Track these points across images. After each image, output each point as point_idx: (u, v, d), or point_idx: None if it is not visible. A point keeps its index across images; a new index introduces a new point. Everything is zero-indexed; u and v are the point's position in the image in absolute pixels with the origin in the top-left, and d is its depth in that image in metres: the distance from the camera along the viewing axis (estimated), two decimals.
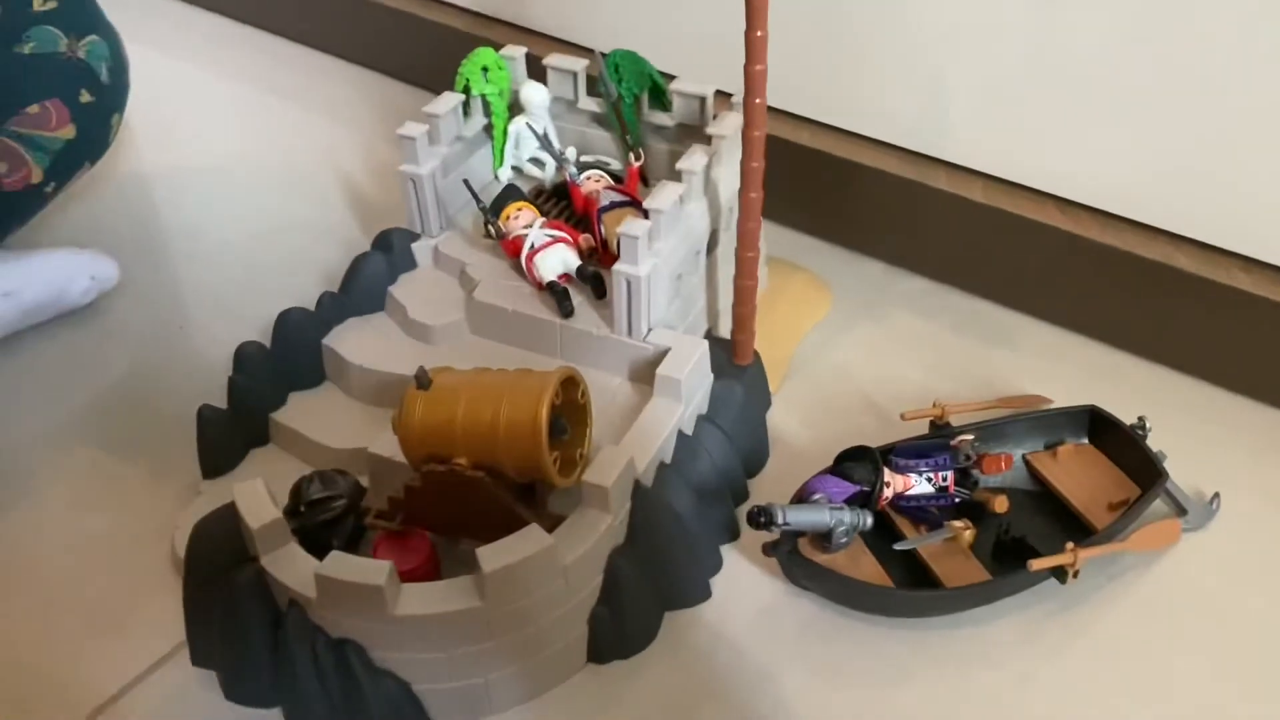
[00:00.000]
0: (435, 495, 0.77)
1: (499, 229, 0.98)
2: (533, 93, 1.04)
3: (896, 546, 0.85)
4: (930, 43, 1.05)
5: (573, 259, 0.95)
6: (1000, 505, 0.86)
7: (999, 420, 0.94)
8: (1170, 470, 0.90)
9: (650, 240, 0.88)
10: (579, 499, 0.79)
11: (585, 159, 1.08)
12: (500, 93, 1.05)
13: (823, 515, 0.80)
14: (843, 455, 0.88)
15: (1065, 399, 0.97)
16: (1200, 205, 0.97)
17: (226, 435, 0.93)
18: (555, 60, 1.06)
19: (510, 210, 0.98)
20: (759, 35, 0.81)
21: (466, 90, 1.04)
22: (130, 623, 0.86)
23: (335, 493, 0.81)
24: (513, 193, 1.05)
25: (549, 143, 1.05)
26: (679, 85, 1.01)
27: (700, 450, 0.88)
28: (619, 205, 0.97)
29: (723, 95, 1.02)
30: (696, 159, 0.93)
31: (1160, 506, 0.91)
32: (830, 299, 1.14)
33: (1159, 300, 1.01)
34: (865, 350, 1.08)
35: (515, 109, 1.07)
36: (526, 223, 0.97)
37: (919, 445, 0.89)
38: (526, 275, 0.95)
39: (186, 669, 0.82)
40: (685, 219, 0.92)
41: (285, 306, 0.97)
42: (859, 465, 0.86)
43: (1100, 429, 0.93)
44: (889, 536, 0.87)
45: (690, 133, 1.02)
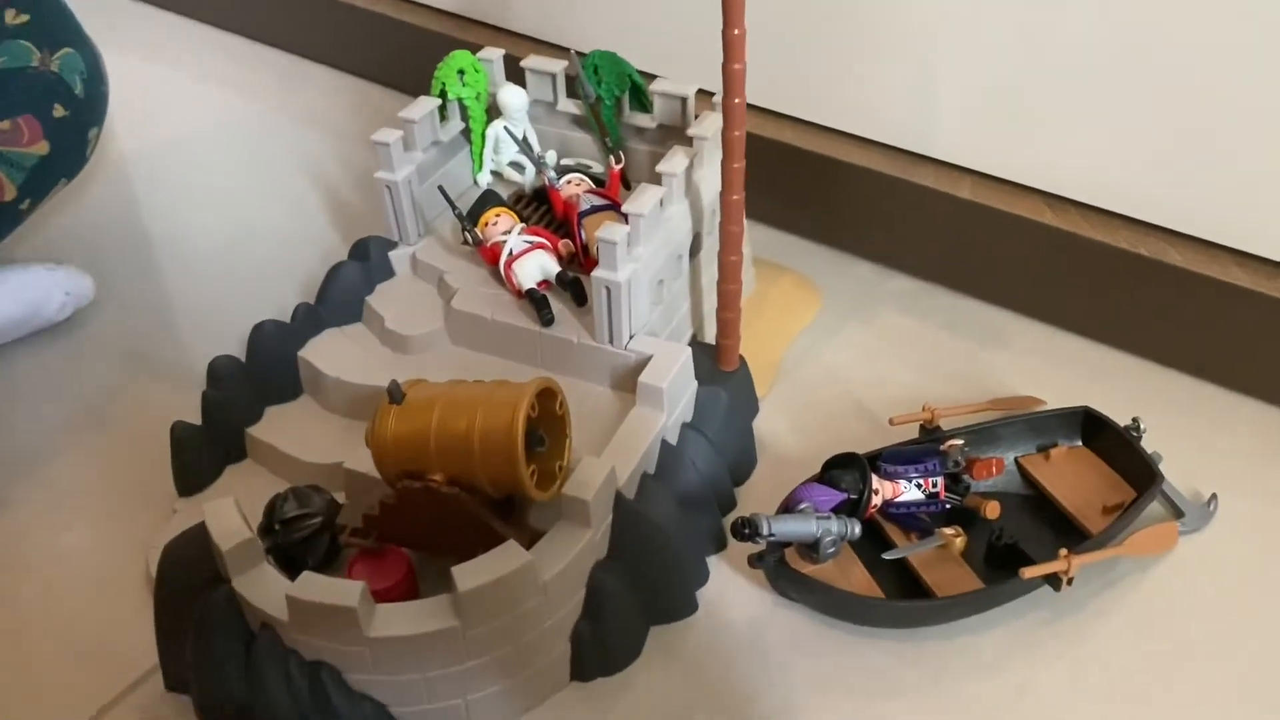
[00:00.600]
0: (411, 512, 0.75)
1: (476, 235, 0.96)
2: (510, 96, 1.02)
3: (886, 556, 0.83)
4: (916, 39, 1.03)
5: (552, 265, 0.93)
6: (992, 511, 0.84)
7: (990, 423, 0.92)
8: (1166, 471, 0.88)
9: (630, 245, 0.86)
10: (560, 512, 0.77)
11: (566, 162, 1.06)
12: (477, 96, 1.03)
13: (809, 525, 0.78)
14: (830, 462, 0.86)
15: (1059, 399, 0.95)
16: (1192, 200, 0.95)
17: (201, 452, 0.91)
18: (533, 62, 1.04)
19: (488, 216, 0.96)
20: (736, 33, 0.79)
21: (443, 94, 1.02)
22: (104, 645, 0.84)
23: (310, 510, 0.79)
24: (491, 198, 1.03)
25: (528, 146, 1.03)
26: (660, 86, 0.99)
27: (685, 459, 0.86)
28: (599, 209, 0.95)
29: (705, 95, 0.99)
30: (677, 161, 0.91)
31: (1157, 509, 0.89)
32: (819, 300, 1.12)
33: (1152, 297, 0.99)
34: (855, 352, 1.06)
35: (494, 112, 1.05)
36: (505, 229, 0.95)
37: (908, 451, 0.87)
38: (505, 283, 0.93)
39: (160, 693, 0.80)
40: (666, 223, 0.90)
41: (265, 318, 0.95)
42: (846, 472, 0.84)
43: (1094, 430, 0.91)
44: (880, 545, 0.85)
45: (672, 134, 1.00)
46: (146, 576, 0.86)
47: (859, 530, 0.80)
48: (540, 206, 1.03)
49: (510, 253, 0.92)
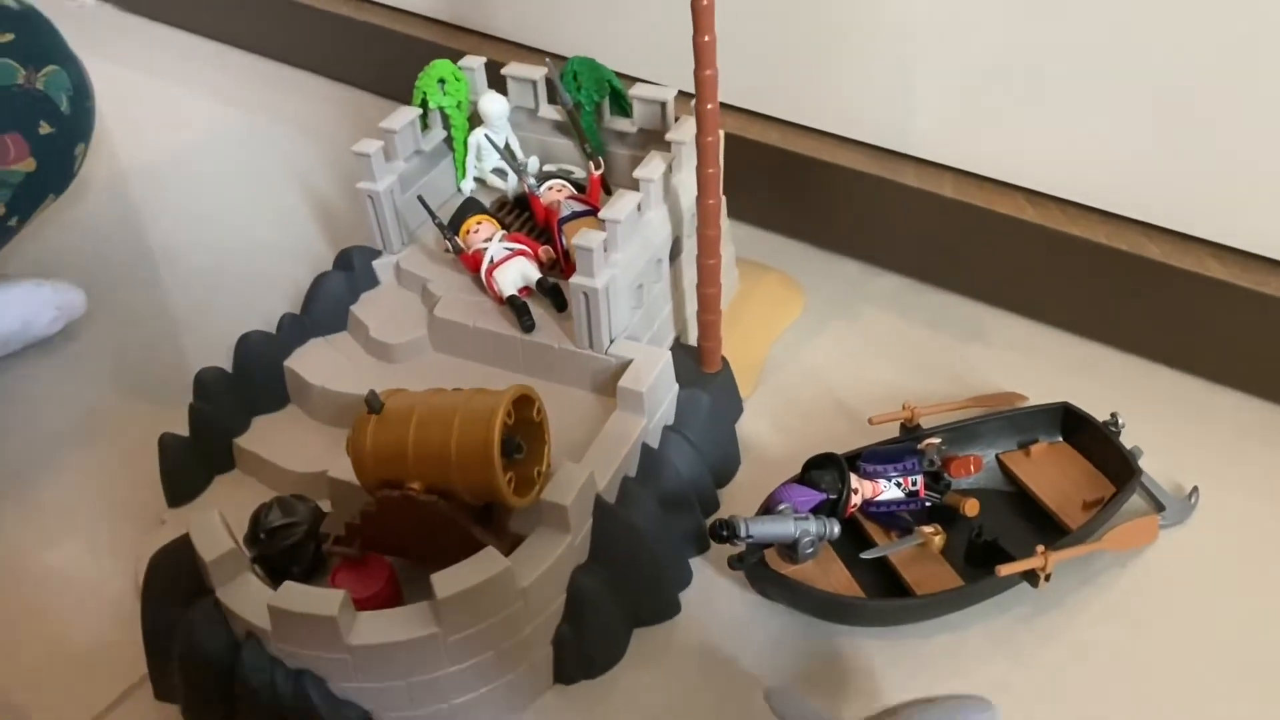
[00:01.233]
0: (391, 520, 0.76)
1: (458, 244, 0.97)
2: (490, 104, 1.02)
3: (864, 555, 0.83)
4: (895, 39, 1.03)
5: (532, 272, 0.93)
6: (971, 509, 0.85)
7: (971, 420, 0.92)
8: (1147, 465, 0.89)
9: (607, 251, 0.86)
10: (540, 518, 0.77)
11: (548, 168, 1.07)
12: (458, 105, 1.04)
13: (787, 526, 0.79)
14: (810, 463, 0.86)
15: (1040, 394, 0.96)
16: (1168, 193, 0.96)
17: (189, 463, 0.92)
18: (514, 69, 1.04)
19: (470, 224, 0.97)
20: (706, 40, 0.80)
21: (424, 104, 1.03)
22: (94, 656, 0.85)
23: (294, 520, 0.80)
24: (473, 206, 1.04)
25: (510, 154, 1.03)
26: (639, 91, 1.00)
27: (666, 462, 0.86)
28: (579, 215, 0.96)
29: (685, 97, 1.00)
30: (654, 166, 0.92)
31: (1138, 503, 0.89)
32: (802, 300, 1.12)
33: (1131, 291, 0.99)
34: (839, 351, 1.07)
35: (476, 120, 1.05)
36: (486, 236, 0.96)
37: (887, 450, 0.88)
38: (487, 290, 0.94)
39: (150, 703, 0.81)
40: (644, 227, 0.91)
41: (254, 328, 0.96)
42: (826, 473, 0.84)
43: (1073, 426, 0.92)
44: (862, 544, 0.85)
45: (653, 138, 1.01)
46: (136, 587, 0.87)
47: (838, 530, 0.81)
48: (523, 213, 1.04)
49: (491, 260, 0.93)
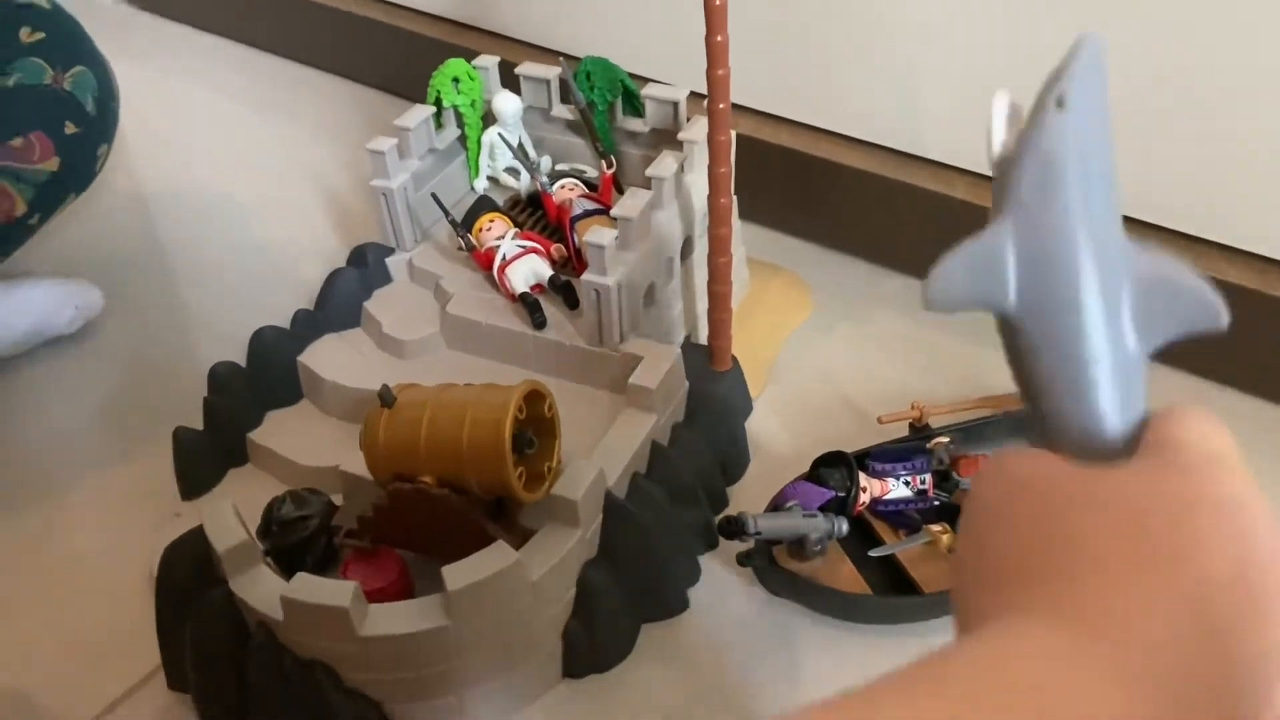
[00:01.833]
0: (403, 514, 0.77)
1: (470, 241, 0.98)
2: (504, 103, 1.03)
3: (872, 553, 0.84)
4: (907, 39, 1.03)
5: (544, 269, 0.94)
6: None
7: (979, 420, 0.92)
8: None
9: (618, 249, 0.87)
10: (550, 513, 0.78)
11: (561, 167, 1.07)
12: (472, 103, 1.05)
13: (795, 523, 0.79)
14: (818, 461, 0.87)
15: None
16: (1177, 195, 0.96)
17: (203, 456, 0.93)
18: (527, 69, 1.05)
19: (482, 222, 0.98)
20: (719, 40, 0.80)
21: (438, 102, 1.03)
22: (108, 646, 0.86)
23: (307, 513, 0.81)
24: (486, 204, 1.05)
25: (523, 152, 1.04)
26: (651, 90, 1.01)
27: (675, 459, 0.87)
28: (591, 214, 0.97)
29: (697, 98, 1.01)
30: (666, 165, 0.92)
31: None
32: (812, 300, 1.13)
33: None
34: (848, 351, 1.07)
35: (490, 119, 1.06)
36: (499, 234, 0.96)
37: (896, 449, 0.88)
38: (499, 287, 0.95)
39: (163, 692, 0.82)
40: (656, 226, 0.92)
41: (268, 324, 0.97)
42: (834, 471, 0.85)
43: None
44: (870, 542, 0.86)
45: (665, 138, 1.02)
46: (150, 578, 0.88)
47: (846, 528, 0.81)
48: (535, 211, 1.04)
49: (503, 257, 0.94)
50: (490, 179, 1.09)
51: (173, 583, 0.79)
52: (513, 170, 1.07)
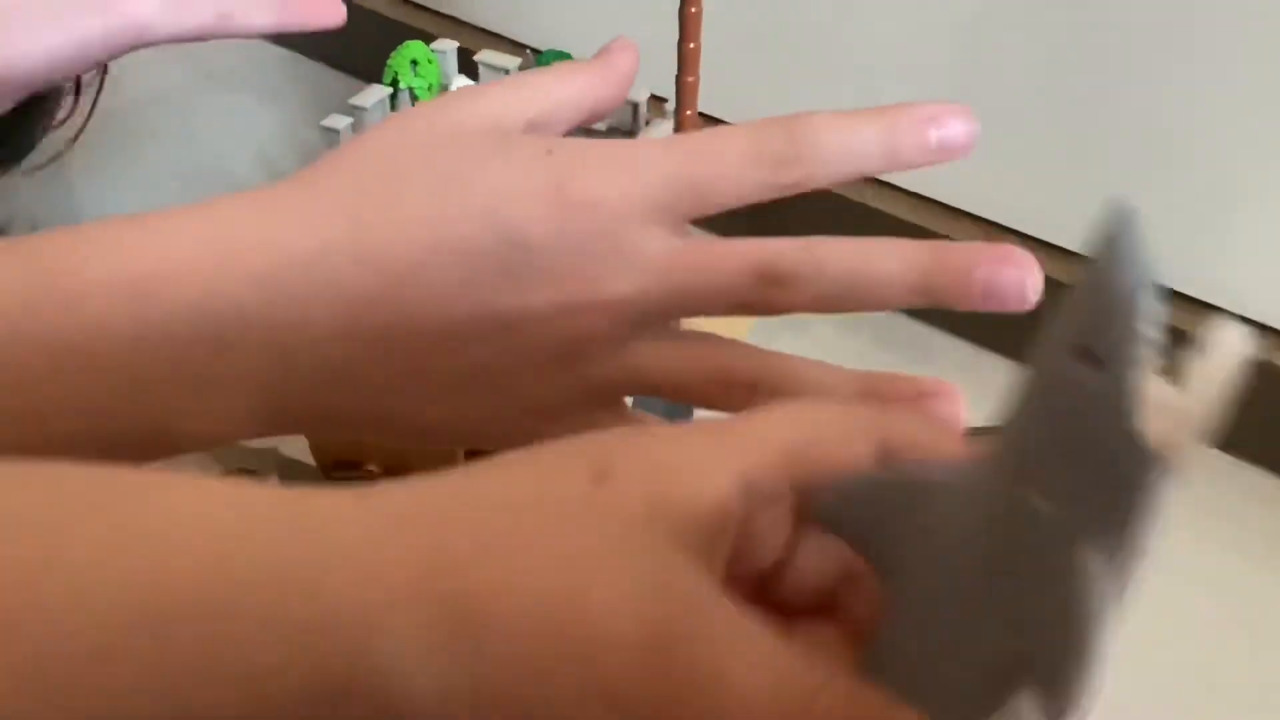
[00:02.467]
0: None
1: None
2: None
3: None
4: (862, 58, 1.06)
5: None
6: None
7: None
8: None
9: None
10: None
11: None
12: (429, 87, 1.04)
13: None
14: None
15: (982, 417, 0.99)
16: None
17: None
18: (487, 57, 1.05)
19: None
20: (691, 47, 0.81)
21: (395, 83, 1.02)
22: None
23: None
24: None
25: None
26: None
27: None
28: None
29: (657, 100, 1.01)
30: None
31: None
32: None
33: None
34: None
35: None
36: None
37: None
38: None
39: None
40: None
41: None
42: None
43: None
44: None
45: (622, 138, 1.02)
46: None
47: None
48: None
49: None
50: None
51: None
52: None
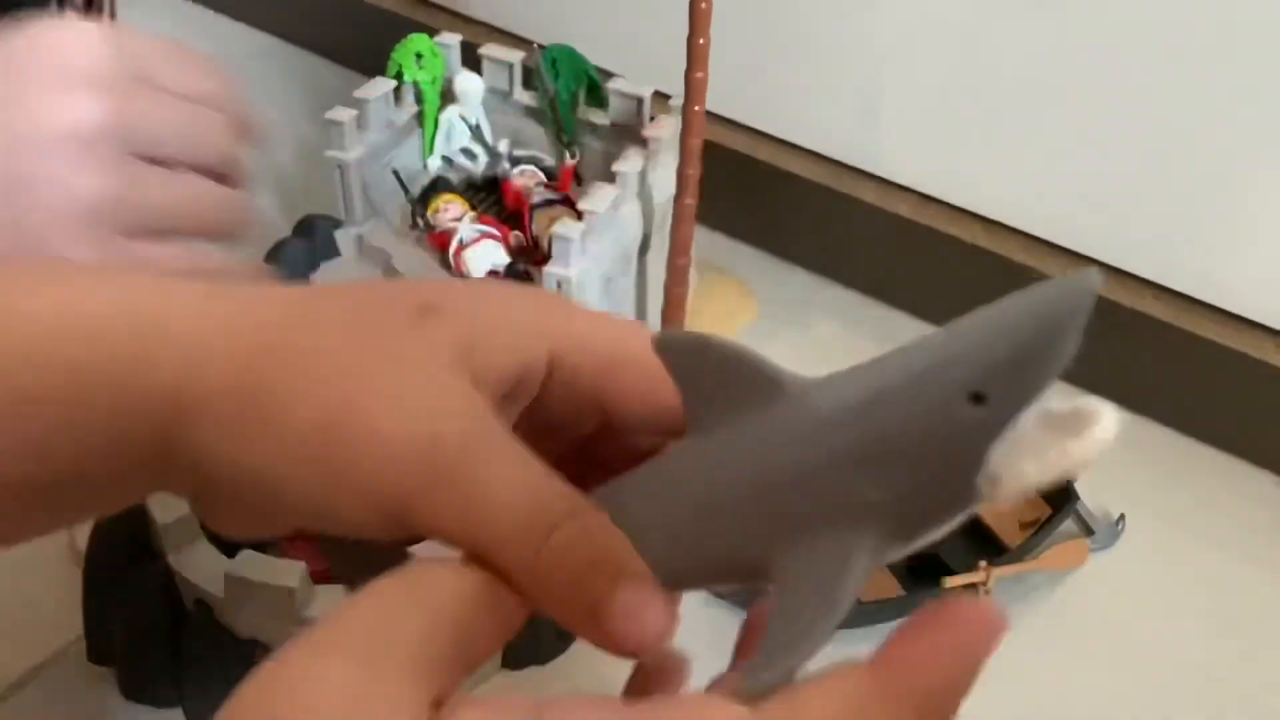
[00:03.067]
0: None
1: (427, 221, 0.96)
2: (467, 83, 1.02)
3: None
4: (865, 56, 1.06)
5: (502, 256, 0.93)
6: None
7: None
8: (1079, 491, 0.93)
9: (584, 242, 0.87)
10: None
11: (518, 153, 1.06)
12: (433, 80, 1.03)
13: None
14: None
15: None
16: (1118, 232, 1.00)
17: None
18: (491, 50, 1.04)
19: (439, 203, 0.97)
20: (701, 43, 0.81)
21: (399, 76, 1.01)
22: (21, 617, 0.82)
23: None
24: (441, 184, 1.03)
25: (481, 135, 1.03)
26: (616, 85, 1.00)
27: None
28: (552, 203, 0.96)
29: (660, 97, 1.01)
30: (633, 161, 0.92)
31: (1069, 526, 0.93)
32: (755, 305, 1.14)
33: None
34: (789, 358, 1.05)
35: (448, 98, 1.05)
36: (456, 216, 0.95)
37: None
38: (454, 270, 0.94)
39: (83, 665, 0.79)
40: (618, 221, 0.92)
41: None
42: None
43: None
44: None
45: (625, 133, 1.02)
46: (70, 548, 0.85)
47: None
48: (490, 196, 1.03)
49: (460, 241, 0.93)
50: (444, 159, 1.07)
51: (104, 554, 0.76)
52: (467, 152, 1.06)
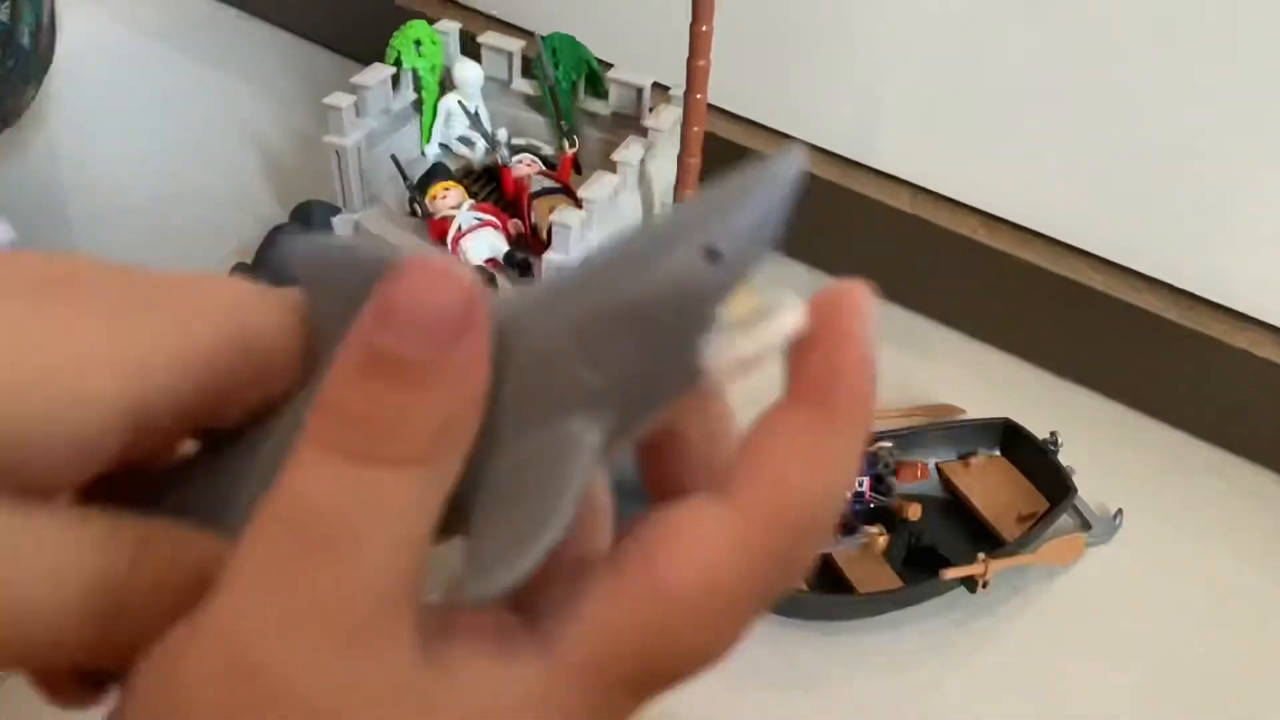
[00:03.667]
0: None
1: (425, 207, 0.95)
2: (466, 71, 1.01)
3: None
4: (866, 49, 1.05)
5: (501, 244, 0.93)
6: (913, 512, 0.87)
7: (914, 428, 0.95)
8: (1077, 485, 0.92)
9: (583, 230, 0.86)
10: None
11: (517, 142, 1.06)
12: (432, 68, 1.02)
13: None
14: None
15: (978, 410, 0.99)
16: (1118, 227, 1.00)
17: None
18: (490, 39, 1.03)
19: (437, 190, 0.96)
20: (704, 30, 0.81)
21: (398, 63, 1.01)
22: None
23: None
24: (440, 171, 1.03)
25: (480, 122, 1.02)
26: (616, 74, 1.00)
27: None
28: (550, 192, 0.96)
29: (660, 88, 1.00)
30: (633, 151, 0.92)
31: (1066, 521, 0.93)
32: (754, 298, 1.14)
33: (1072, 318, 1.03)
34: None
35: (446, 85, 1.04)
36: (454, 203, 0.95)
37: None
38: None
39: None
40: (618, 210, 0.91)
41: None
42: None
43: (1013, 442, 0.95)
44: None
45: (625, 122, 1.01)
46: None
47: None
48: (489, 184, 1.03)
49: (459, 228, 0.92)
50: (442, 146, 1.06)
51: None
52: (465, 140, 1.05)
